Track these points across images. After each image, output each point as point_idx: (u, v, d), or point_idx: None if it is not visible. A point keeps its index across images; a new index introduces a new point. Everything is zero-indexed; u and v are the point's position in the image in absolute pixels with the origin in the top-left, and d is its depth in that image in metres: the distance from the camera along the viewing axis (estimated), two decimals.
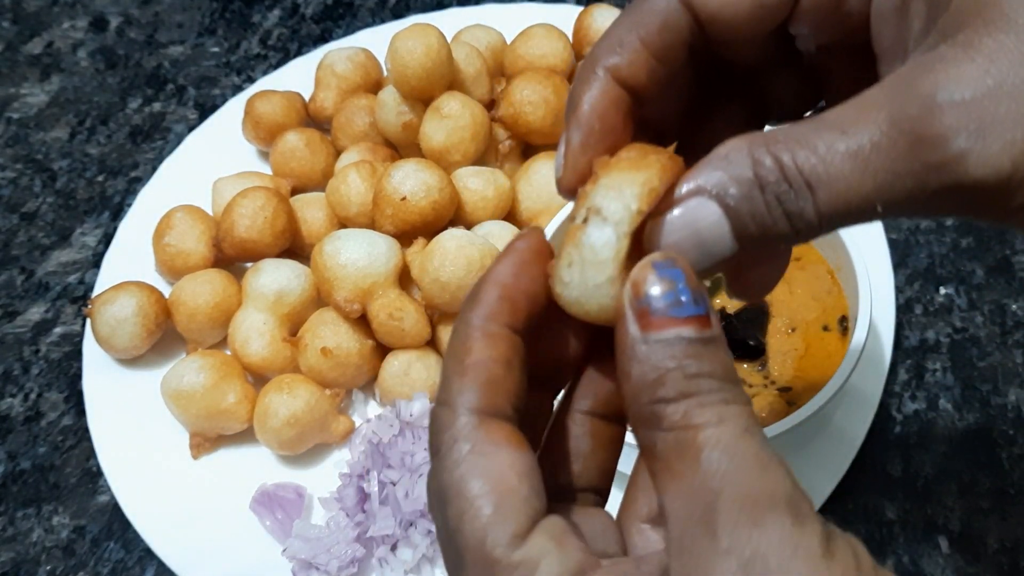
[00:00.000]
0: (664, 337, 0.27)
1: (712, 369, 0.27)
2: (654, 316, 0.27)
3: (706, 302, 0.28)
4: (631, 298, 0.28)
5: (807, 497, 0.26)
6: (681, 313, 0.27)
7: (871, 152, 0.27)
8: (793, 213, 0.28)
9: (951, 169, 0.27)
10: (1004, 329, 0.66)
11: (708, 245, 0.29)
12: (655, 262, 0.28)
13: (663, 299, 0.28)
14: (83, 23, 0.95)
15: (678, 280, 0.28)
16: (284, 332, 0.66)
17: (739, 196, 0.28)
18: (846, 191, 0.27)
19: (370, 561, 0.59)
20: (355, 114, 0.76)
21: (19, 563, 0.63)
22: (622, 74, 0.32)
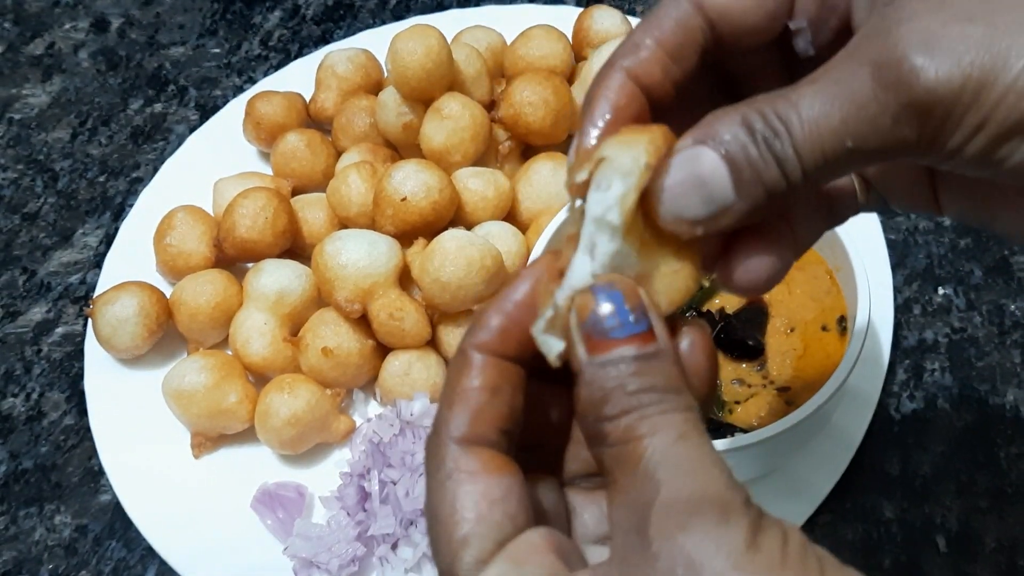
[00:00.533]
0: (608, 359, 0.29)
1: (653, 383, 0.29)
2: (597, 338, 0.29)
3: (648, 318, 0.30)
4: (576, 323, 0.30)
5: (741, 491, 0.28)
6: (622, 333, 0.29)
7: (836, 87, 0.30)
8: (780, 155, 0.30)
9: (906, 84, 0.29)
10: (1002, 329, 0.66)
11: (710, 189, 0.30)
12: (595, 287, 0.30)
13: (604, 321, 0.29)
14: (84, 24, 0.95)
15: (618, 301, 0.29)
16: (285, 332, 0.66)
17: (732, 142, 0.30)
18: (816, 128, 0.29)
19: (371, 560, 0.59)
20: (356, 115, 0.76)
21: (21, 562, 0.63)
22: (637, 73, 0.33)
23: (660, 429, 0.28)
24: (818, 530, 0.59)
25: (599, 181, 0.30)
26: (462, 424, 0.31)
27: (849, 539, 0.59)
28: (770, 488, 0.58)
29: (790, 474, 0.59)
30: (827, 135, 0.30)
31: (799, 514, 0.58)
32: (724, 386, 0.57)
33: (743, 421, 0.56)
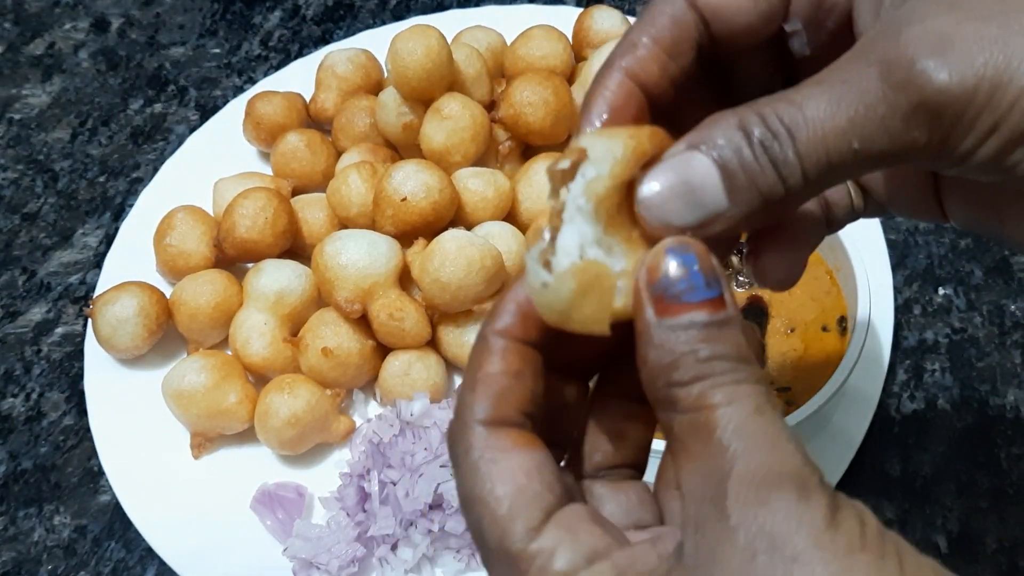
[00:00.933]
0: (678, 322, 0.28)
1: (725, 351, 0.28)
2: (668, 301, 0.28)
3: (720, 284, 0.29)
4: (646, 283, 0.29)
5: (816, 470, 0.27)
6: (694, 298, 0.28)
7: (843, 87, 0.29)
8: (778, 160, 0.29)
9: (918, 84, 0.28)
10: (1002, 330, 0.66)
11: (700, 195, 0.29)
12: (669, 247, 0.29)
13: (677, 284, 0.28)
14: (84, 24, 0.95)
15: (691, 264, 0.28)
16: (285, 332, 0.66)
17: (726, 146, 0.29)
18: (821, 129, 0.29)
19: (370, 560, 0.59)
20: (356, 115, 0.76)
21: (20, 563, 0.63)
22: (635, 71, 0.33)
23: (736, 399, 0.27)
24: None
25: (581, 171, 0.29)
26: (486, 407, 0.30)
27: None
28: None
29: None
30: (832, 136, 0.29)
31: None
32: None
33: None
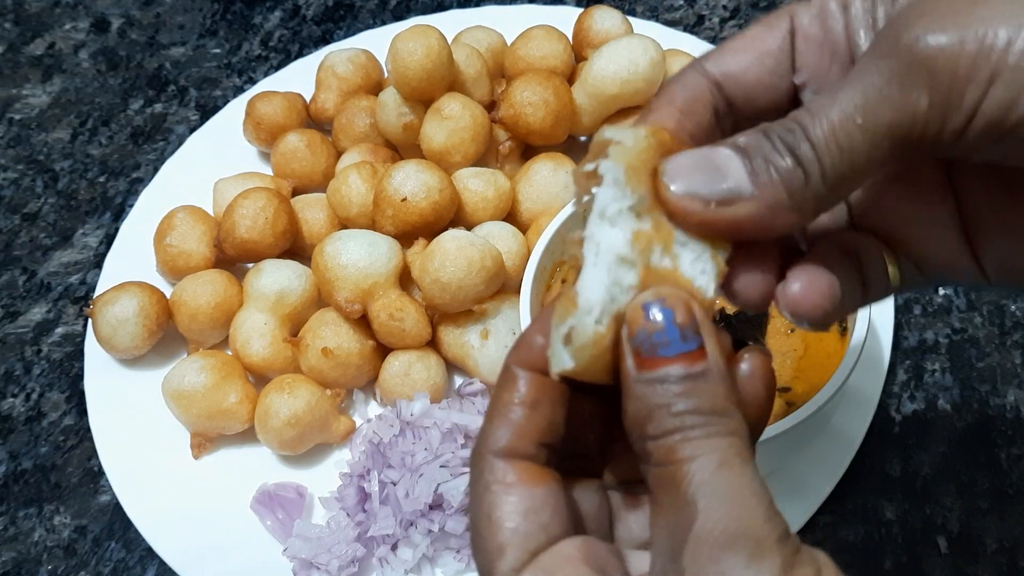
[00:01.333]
0: (654, 376, 0.29)
1: (699, 404, 0.29)
2: (645, 355, 0.29)
3: (699, 336, 0.29)
4: (627, 336, 0.29)
5: (777, 525, 0.28)
6: (670, 352, 0.29)
7: (845, 84, 0.30)
8: (794, 147, 0.30)
9: (907, 47, 0.29)
10: (1003, 330, 0.66)
11: (723, 171, 0.30)
12: (644, 303, 0.29)
13: (653, 337, 0.29)
14: (84, 24, 0.95)
15: (668, 317, 0.29)
16: (285, 332, 0.66)
17: (748, 141, 0.31)
18: (828, 118, 0.30)
19: (370, 561, 0.59)
20: (356, 115, 0.76)
21: (20, 563, 0.63)
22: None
23: (702, 454, 0.28)
24: (819, 531, 0.59)
25: (604, 174, 0.30)
26: (502, 437, 0.31)
27: (850, 540, 0.59)
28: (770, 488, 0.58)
29: (791, 475, 0.58)
30: (839, 121, 0.29)
31: (800, 515, 0.58)
32: None
33: None
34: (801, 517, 0.58)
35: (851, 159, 0.30)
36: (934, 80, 0.29)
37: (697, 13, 0.89)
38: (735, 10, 0.89)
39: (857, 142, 0.29)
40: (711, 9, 0.89)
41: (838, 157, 0.30)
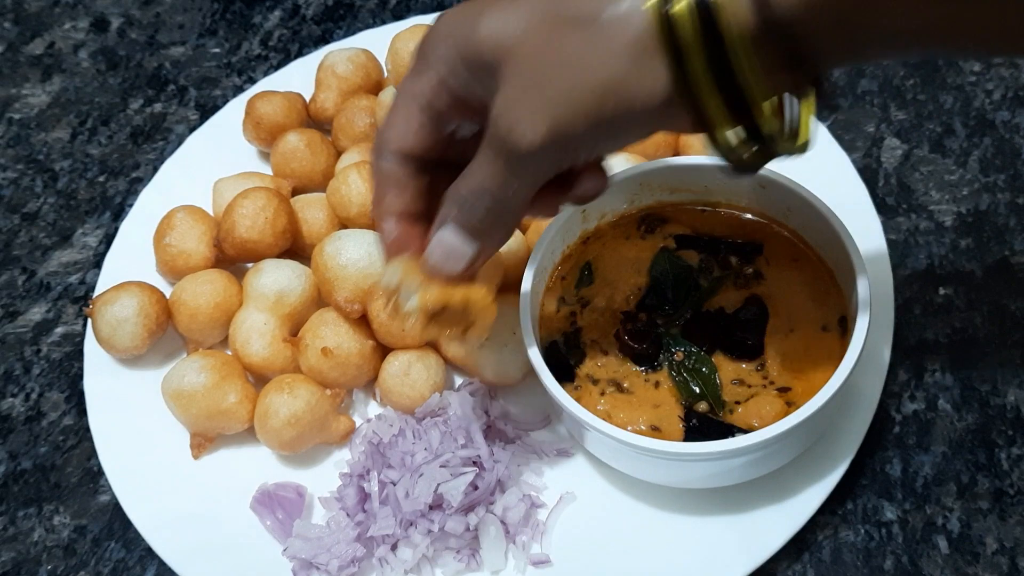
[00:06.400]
0: None
1: None
2: None
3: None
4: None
5: None
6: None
7: (475, 160, 0.46)
8: (469, 211, 0.48)
9: (507, 138, 0.44)
10: (1003, 329, 0.66)
11: (458, 247, 0.48)
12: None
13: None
14: (84, 24, 0.95)
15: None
16: (285, 332, 0.66)
17: (452, 215, 0.48)
18: (471, 183, 0.47)
19: (370, 561, 0.59)
20: (356, 115, 0.76)
21: (20, 563, 0.63)
22: (407, 147, 0.49)
23: None
24: (819, 531, 0.59)
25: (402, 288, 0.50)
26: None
27: (850, 541, 0.59)
28: (770, 489, 0.58)
29: (790, 475, 0.58)
30: (476, 188, 0.47)
31: (799, 515, 0.58)
32: (724, 386, 0.57)
33: (743, 421, 0.56)
34: (801, 517, 0.58)
35: (500, 209, 0.46)
36: (481, 74, 0.44)
37: None
38: None
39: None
40: None
41: (492, 210, 0.47)
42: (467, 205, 0.46)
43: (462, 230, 0.47)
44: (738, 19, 0.37)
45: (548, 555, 0.59)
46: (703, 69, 0.38)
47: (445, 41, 0.45)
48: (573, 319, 0.61)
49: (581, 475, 0.61)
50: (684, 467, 0.55)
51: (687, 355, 0.58)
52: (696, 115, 0.40)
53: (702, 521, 0.59)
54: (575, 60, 0.40)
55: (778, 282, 0.60)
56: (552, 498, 0.61)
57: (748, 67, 0.38)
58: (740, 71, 0.38)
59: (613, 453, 0.57)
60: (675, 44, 0.38)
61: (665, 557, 0.58)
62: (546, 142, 0.42)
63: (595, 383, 0.58)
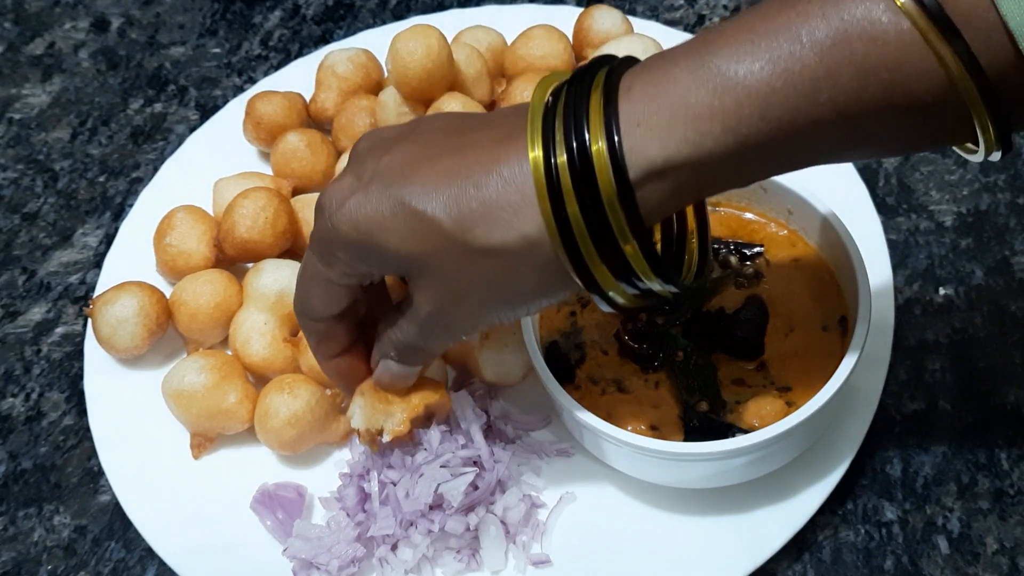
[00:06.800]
0: None
1: None
2: None
3: None
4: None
5: None
6: None
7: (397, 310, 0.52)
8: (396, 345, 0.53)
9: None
10: (1003, 330, 0.66)
11: (399, 370, 0.54)
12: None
13: None
14: (84, 24, 0.95)
15: None
16: (285, 332, 0.66)
17: (376, 352, 0.55)
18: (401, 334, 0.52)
19: (370, 561, 0.59)
20: (356, 115, 0.76)
21: (20, 563, 0.63)
22: (329, 313, 0.53)
23: None
24: (819, 532, 0.59)
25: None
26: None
27: (850, 541, 0.59)
28: (770, 489, 0.58)
29: (790, 475, 0.58)
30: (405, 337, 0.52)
31: (800, 515, 0.58)
32: (724, 386, 0.57)
33: (743, 421, 0.56)
34: (801, 517, 0.58)
35: (430, 352, 0.53)
36: None
37: (697, 13, 0.89)
38: (735, 9, 0.89)
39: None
40: (711, 9, 0.89)
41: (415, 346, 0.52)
42: (401, 349, 0.52)
43: (399, 363, 0.53)
44: (608, 193, 0.41)
45: (548, 555, 0.59)
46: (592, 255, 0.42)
47: (352, 243, 0.47)
48: (573, 319, 0.61)
49: (581, 475, 0.61)
50: (684, 467, 0.55)
51: (687, 355, 0.58)
52: (585, 283, 0.44)
53: (702, 521, 0.59)
54: (494, 281, 0.45)
55: (778, 282, 0.60)
56: (552, 498, 0.61)
57: (616, 223, 0.41)
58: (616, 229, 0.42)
59: (613, 453, 0.57)
60: (570, 244, 0.42)
61: (665, 557, 0.58)
62: (471, 332, 0.51)
63: (595, 383, 0.58)
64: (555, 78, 0.45)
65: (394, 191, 0.45)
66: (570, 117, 0.41)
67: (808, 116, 0.38)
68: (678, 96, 0.40)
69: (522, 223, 0.42)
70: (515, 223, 0.42)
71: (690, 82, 0.39)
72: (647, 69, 0.42)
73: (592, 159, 0.40)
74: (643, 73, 0.42)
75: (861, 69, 0.37)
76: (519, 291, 0.46)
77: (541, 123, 0.42)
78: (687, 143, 0.40)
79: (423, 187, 0.44)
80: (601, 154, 0.40)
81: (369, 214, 0.45)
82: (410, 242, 0.45)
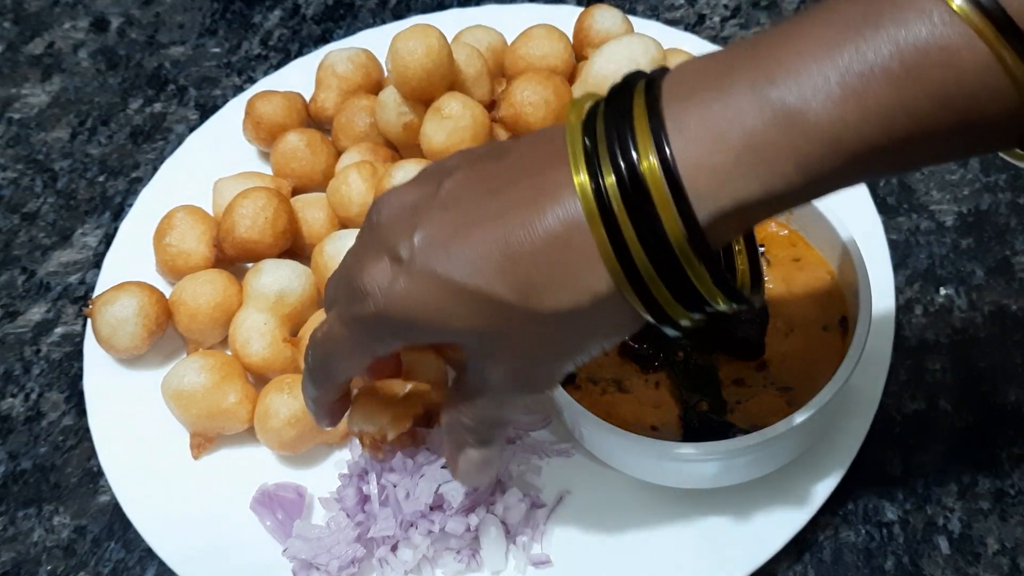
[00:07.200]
0: None
1: None
2: None
3: None
4: None
5: None
6: None
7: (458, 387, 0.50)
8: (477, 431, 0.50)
9: None
10: (1004, 330, 0.66)
11: (481, 458, 0.51)
12: None
13: None
14: (84, 24, 0.95)
15: None
16: (285, 332, 0.66)
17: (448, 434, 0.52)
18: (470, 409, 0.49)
19: (370, 561, 0.59)
20: (356, 115, 0.76)
21: (20, 563, 0.63)
22: (354, 375, 0.54)
23: None
24: (820, 532, 0.59)
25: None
26: None
27: (851, 541, 0.59)
28: (770, 489, 0.58)
29: (791, 475, 0.58)
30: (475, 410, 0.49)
31: (800, 515, 0.58)
32: (724, 386, 0.57)
33: (743, 421, 0.55)
34: (802, 518, 0.58)
35: (505, 420, 0.51)
36: None
37: (698, 12, 0.88)
38: (736, 9, 0.89)
39: None
40: (712, 8, 0.89)
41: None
42: (480, 430, 0.49)
43: (481, 447, 0.50)
44: (677, 237, 0.38)
45: (548, 555, 0.59)
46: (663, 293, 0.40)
47: (408, 328, 0.44)
48: None
49: (581, 475, 0.61)
50: (684, 467, 0.55)
51: (687, 355, 0.58)
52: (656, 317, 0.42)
53: (702, 521, 0.59)
54: (570, 338, 0.43)
55: (778, 282, 0.60)
56: (552, 498, 0.61)
57: (689, 268, 0.39)
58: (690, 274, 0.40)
59: (613, 453, 0.57)
60: (642, 291, 0.40)
61: (665, 557, 0.58)
62: (551, 388, 0.49)
63: (595, 383, 0.58)
64: (584, 103, 0.42)
65: (444, 272, 0.41)
66: (616, 156, 0.38)
67: (882, 146, 0.37)
68: (744, 134, 0.37)
69: (590, 283, 0.40)
70: (582, 284, 0.40)
71: (756, 119, 0.37)
72: (700, 100, 0.38)
73: (659, 214, 0.38)
74: (697, 107, 0.38)
75: (938, 98, 0.36)
76: (595, 340, 0.44)
77: (595, 204, 0.39)
78: (758, 184, 0.37)
79: (475, 264, 0.41)
80: (666, 204, 0.38)
81: (423, 300, 0.42)
82: (475, 321, 0.42)
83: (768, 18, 0.87)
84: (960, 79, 0.36)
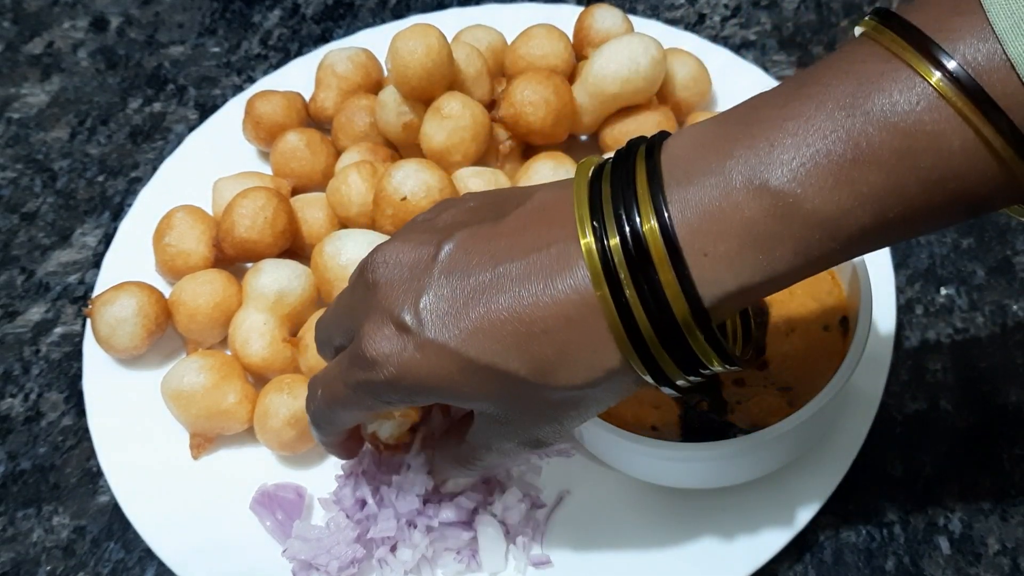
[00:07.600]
0: None
1: None
2: None
3: None
4: None
5: None
6: None
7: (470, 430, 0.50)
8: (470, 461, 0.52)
9: None
10: (1005, 330, 0.66)
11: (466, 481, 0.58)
12: None
13: None
14: (83, 23, 0.95)
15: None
16: (284, 332, 0.66)
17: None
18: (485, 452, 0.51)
19: (370, 562, 0.59)
20: (355, 114, 0.76)
21: (19, 563, 0.63)
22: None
23: None
24: (820, 532, 0.59)
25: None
26: None
27: (851, 541, 0.59)
28: (770, 490, 0.58)
29: (791, 476, 0.58)
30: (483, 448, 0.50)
31: (801, 515, 0.58)
32: (724, 386, 0.57)
33: (743, 422, 0.55)
34: (802, 519, 0.58)
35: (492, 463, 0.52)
36: None
37: (698, 11, 0.88)
38: (736, 8, 0.88)
39: None
40: (712, 7, 0.89)
41: None
42: (480, 469, 0.52)
43: (473, 475, 0.55)
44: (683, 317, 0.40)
45: (548, 556, 0.58)
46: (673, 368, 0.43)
47: (417, 394, 0.45)
48: None
49: (581, 475, 0.61)
50: (684, 467, 0.55)
51: None
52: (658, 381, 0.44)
53: (702, 521, 0.58)
54: (582, 406, 0.45)
55: None
56: (552, 498, 0.61)
57: (695, 344, 0.41)
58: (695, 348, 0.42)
59: (613, 453, 0.57)
60: (650, 364, 0.42)
61: (665, 557, 0.58)
62: (559, 441, 0.51)
63: None
64: (588, 167, 0.43)
65: (456, 347, 0.42)
66: (627, 246, 0.39)
67: (877, 228, 0.38)
68: (745, 225, 0.38)
69: (603, 360, 0.41)
70: (595, 362, 0.41)
71: (756, 209, 0.38)
72: (701, 186, 0.39)
73: (667, 296, 0.40)
74: (696, 194, 0.39)
75: (928, 183, 0.37)
76: (601, 405, 0.45)
77: (600, 265, 0.40)
78: (760, 269, 0.39)
79: (488, 342, 0.41)
80: (672, 285, 0.39)
81: (435, 371, 0.42)
82: (486, 392, 0.43)
83: (768, 18, 0.87)
84: (949, 162, 0.36)
